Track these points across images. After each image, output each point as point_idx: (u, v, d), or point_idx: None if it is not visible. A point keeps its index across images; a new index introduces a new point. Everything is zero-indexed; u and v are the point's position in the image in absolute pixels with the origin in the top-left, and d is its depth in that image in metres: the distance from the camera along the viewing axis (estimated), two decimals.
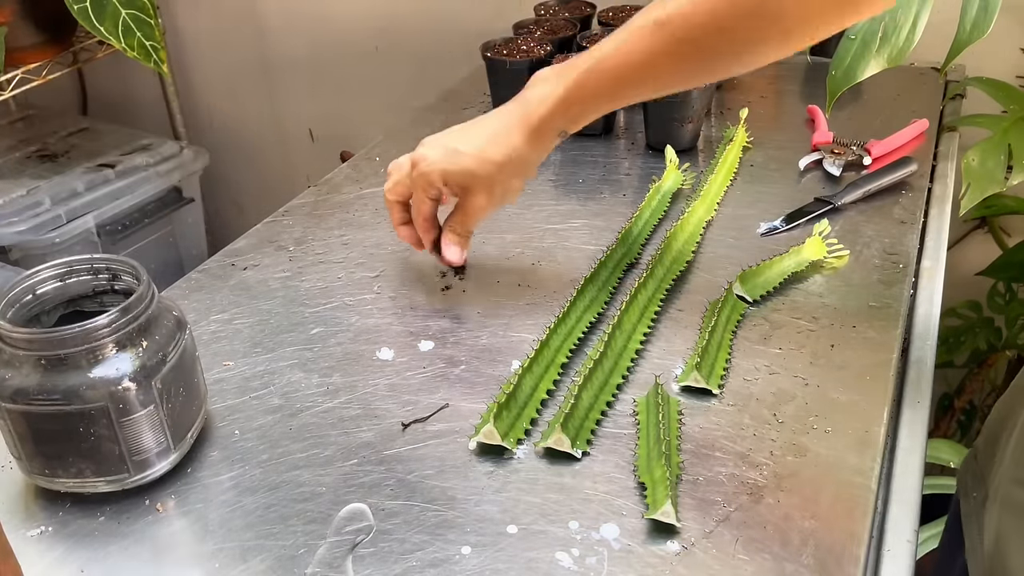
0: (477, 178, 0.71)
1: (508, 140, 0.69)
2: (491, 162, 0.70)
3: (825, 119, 1.02)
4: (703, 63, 0.64)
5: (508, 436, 0.60)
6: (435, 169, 0.71)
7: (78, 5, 1.24)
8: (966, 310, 1.35)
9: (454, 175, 0.71)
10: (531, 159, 0.71)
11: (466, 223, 0.75)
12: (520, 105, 0.69)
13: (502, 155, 0.70)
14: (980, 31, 0.88)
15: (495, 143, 0.70)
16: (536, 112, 0.68)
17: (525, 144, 0.69)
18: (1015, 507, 0.65)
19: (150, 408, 0.55)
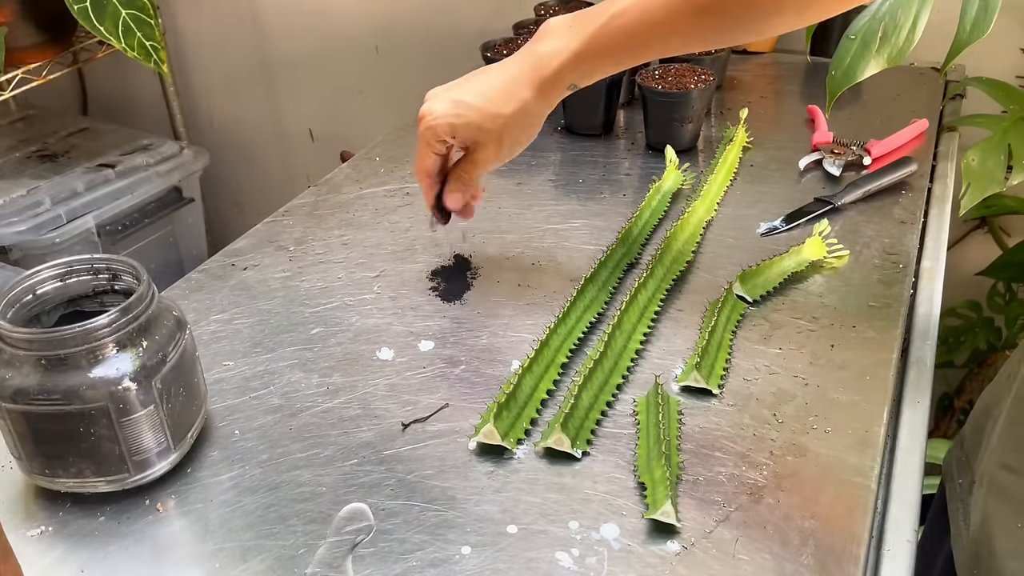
0: (485, 132, 0.70)
1: (517, 93, 0.68)
2: (499, 116, 0.69)
3: (825, 119, 1.02)
4: (720, 25, 0.63)
5: (508, 436, 0.60)
6: (442, 123, 0.70)
7: (78, 5, 1.24)
8: (966, 310, 1.35)
9: (462, 128, 0.70)
10: (540, 113, 0.70)
11: (472, 172, 0.74)
12: (530, 58, 0.68)
13: (511, 108, 0.68)
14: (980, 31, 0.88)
15: (504, 96, 0.68)
16: (547, 66, 0.67)
17: (534, 98, 0.68)
18: (1001, 491, 0.65)
19: (150, 408, 0.55)
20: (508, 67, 0.70)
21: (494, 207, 0.91)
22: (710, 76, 1.00)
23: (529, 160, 1.01)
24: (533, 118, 0.70)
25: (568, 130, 1.08)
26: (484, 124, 0.69)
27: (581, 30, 0.66)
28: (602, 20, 0.65)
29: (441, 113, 0.70)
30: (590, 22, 0.66)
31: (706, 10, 0.62)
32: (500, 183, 0.96)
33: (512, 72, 0.69)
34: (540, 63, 0.67)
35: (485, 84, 0.70)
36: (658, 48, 0.67)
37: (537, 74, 0.67)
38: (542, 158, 1.02)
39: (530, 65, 0.68)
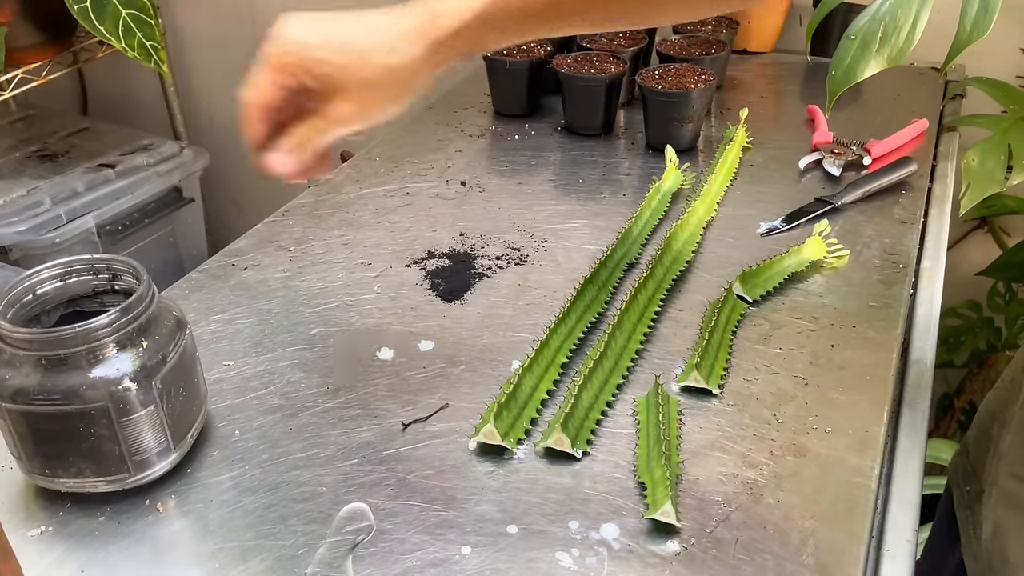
0: (354, 79, 0.56)
1: (403, 46, 0.56)
2: (375, 65, 0.56)
3: (825, 119, 1.02)
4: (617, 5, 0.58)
5: (508, 436, 0.60)
6: (302, 54, 0.56)
7: (78, 5, 1.24)
8: (966, 310, 1.35)
9: (323, 65, 0.56)
10: (421, 76, 0.58)
11: (318, 131, 0.58)
12: (425, 13, 0.57)
13: (391, 60, 0.56)
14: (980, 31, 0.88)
15: (387, 45, 0.56)
16: (444, 25, 0.56)
17: (422, 56, 0.57)
18: (1013, 501, 0.65)
19: (150, 408, 0.55)
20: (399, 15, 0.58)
21: (494, 207, 0.91)
22: (710, 76, 1.00)
23: (529, 160, 1.02)
24: (412, 78, 0.58)
25: (568, 130, 1.08)
26: (353, 68, 0.56)
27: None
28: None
29: (299, 39, 0.57)
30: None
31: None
32: (500, 183, 0.96)
33: (401, 21, 0.57)
34: (435, 20, 0.57)
35: (365, 26, 0.57)
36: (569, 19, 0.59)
37: (429, 30, 0.57)
38: (542, 158, 1.02)
39: (423, 19, 0.57)
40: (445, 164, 1.01)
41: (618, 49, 1.09)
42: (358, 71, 0.56)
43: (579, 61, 1.06)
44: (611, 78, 1.03)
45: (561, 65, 1.05)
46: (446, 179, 0.98)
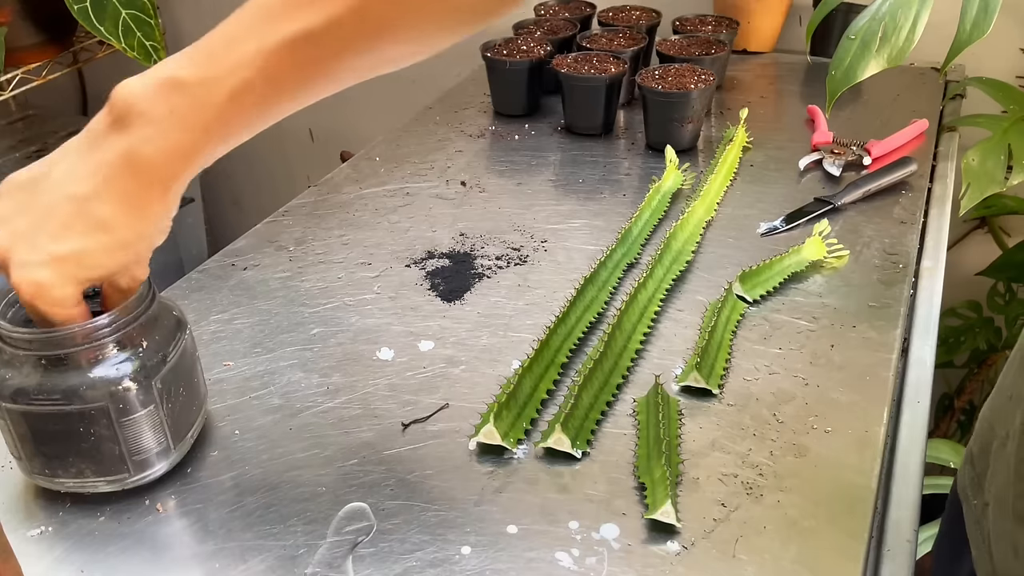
0: (131, 260, 0.53)
1: (142, 210, 0.51)
2: (138, 240, 0.52)
3: (825, 119, 1.02)
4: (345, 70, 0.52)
5: (508, 436, 0.60)
6: (66, 292, 0.50)
7: (78, 5, 1.24)
8: (966, 310, 1.35)
9: (99, 280, 0.52)
10: (169, 216, 0.55)
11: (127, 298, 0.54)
12: (125, 160, 0.49)
13: (147, 227, 0.52)
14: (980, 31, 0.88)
15: (126, 221, 0.50)
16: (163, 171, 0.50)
17: (163, 206, 0.52)
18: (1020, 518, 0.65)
19: (150, 408, 0.55)
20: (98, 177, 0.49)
21: (494, 207, 0.91)
22: (710, 76, 1.00)
23: (529, 160, 1.02)
24: (164, 227, 0.55)
25: (568, 130, 1.08)
26: (124, 260, 0.52)
27: (193, 120, 0.49)
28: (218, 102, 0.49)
29: (59, 279, 0.50)
30: (200, 108, 0.49)
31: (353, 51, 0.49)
32: (500, 183, 0.96)
33: (111, 182, 0.49)
34: (150, 167, 0.50)
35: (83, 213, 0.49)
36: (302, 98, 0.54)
37: (151, 179, 0.50)
38: (542, 158, 1.02)
39: (133, 169, 0.49)
40: (445, 164, 1.01)
41: (618, 49, 1.09)
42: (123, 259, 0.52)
43: (579, 61, 1.06)
44: (611, 78, 1.03)
45: (561, 65, 1.05)
46: (446, 179, 0.98)
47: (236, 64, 0.49)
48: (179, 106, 0.49)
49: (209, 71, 0.49)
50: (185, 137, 0.49)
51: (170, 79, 0.49)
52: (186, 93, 0.49)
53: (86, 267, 0.50)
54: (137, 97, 0.50)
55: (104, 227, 0.50)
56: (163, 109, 0.49)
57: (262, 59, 0.48)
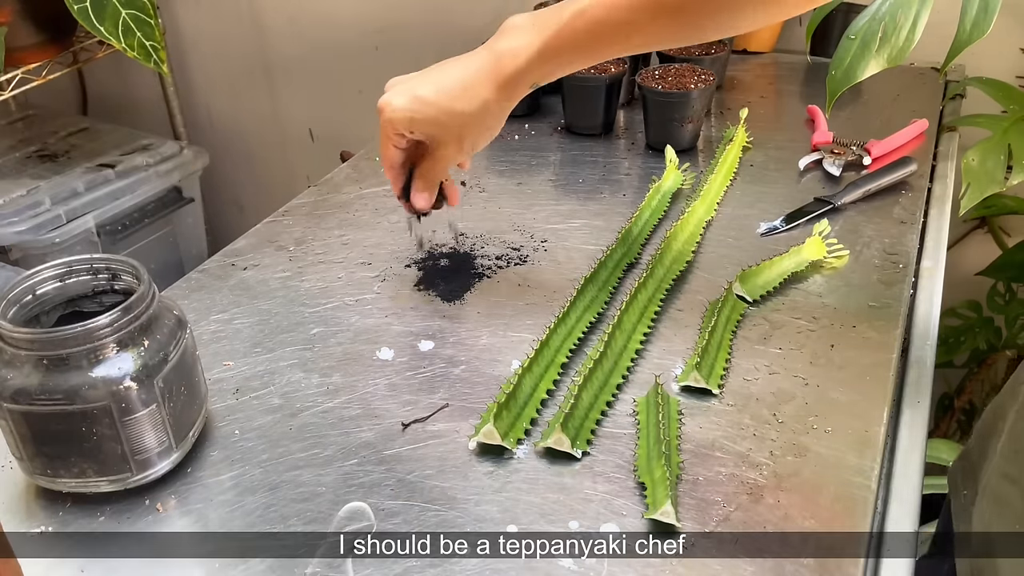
0: (444, 128, 0.69)
1: (478, 92, 0.67)
2: (460, 113, 0.67)
3: (825, 119, 1.02)
4: (684, 23, 0.62)
5: (508, 436, 0.60)
6: (400, 116, 0.69)
7: (78, 5, 1.24)
8: (966, 310, 1.35)
9: (421, 124, 0.69)
10: (500, 111, 0.69)
11: (435, 169, 0.73)
12: (491, 56, 0.66)
13: (471, 107, 0.67)
14: (980, 31, 0.88)
15: (464, 94, 0.67)
16: (509, 65, 0.65)
17: (495, 97, 0.67)
18: (1003, 502, 0.65)
19: (152, 407, 0.55)
20: (469, 63, 0.68)
21: (494, 207, 0.91)
22: (710, 76, 1.00)
23: (529, 160, 1.02)
24: (493, 117, 0.69)
25: (568, 130, 1.08)
26: (443, 120, 0.68)
27: (543, 28, 0.64)
28: (564, 18, 0.64)
29: (399, 106, 0.69)
30: (552, 20, 0.64)
31: (667, 9, 0.61)
32: (500, 183, 0.96)
33: (473, 69, 0.67)
34: (501, 62, 0.66)
35: (445, 80, 0.68)
36: (620, 47, 0.65)
37: (498, 73, 0.66)
38: (542, 158, 1.02)
39: (491, 63, 0.66)
40: None
41: None
42: (445, 121, 0.68)
43: None
44: (611, 78, 1.03)
45: None
46: None
47: (568, 4, 0.63)
48: (538, 18, 0.65)
49: (561, 5, 0.64)
50: (534, 40, 0.64)
51: (542, 8, 0.66)
52: (546, 12, 0.65)
53: (416, 108, 0.68)
54: (516, 17, 0.67)
55: (443, 89, 0.67)
56: (528, 21, 0.66)
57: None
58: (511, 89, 0.67)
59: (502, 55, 0.66)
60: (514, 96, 0.68)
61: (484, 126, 0.70)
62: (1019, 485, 0.64)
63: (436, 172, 0.73)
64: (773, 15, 0.61)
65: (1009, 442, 0.66)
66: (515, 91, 0.68)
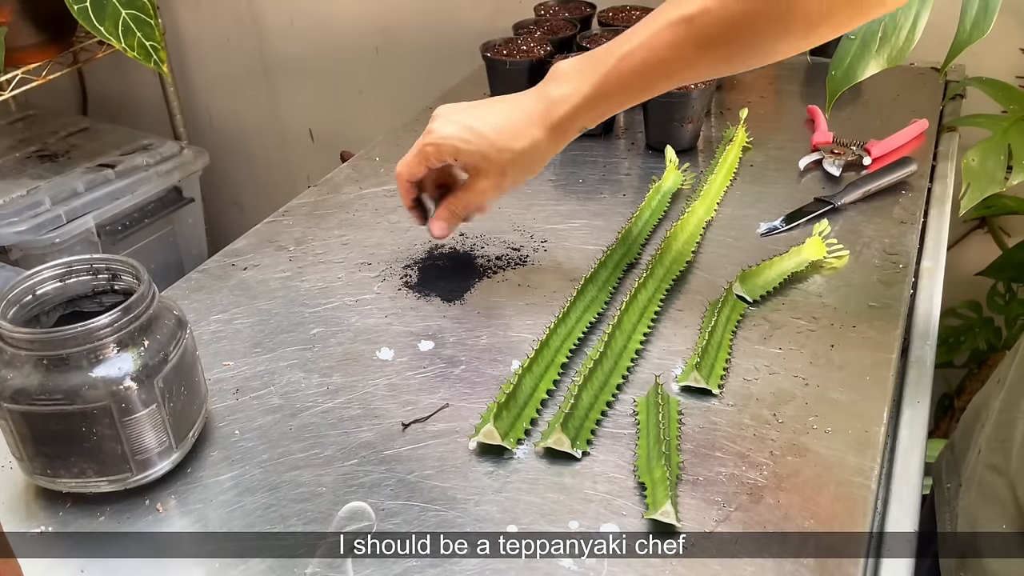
0: (490, 162, 0.70)
1: (529, 131, 0.69)
2: (508, 149, 0.69)
3: (825, 119, 1.02)
4: (727, 57, 0.65)
5: (508, 436, 0.60)
6: (449, 144, 0.70)
7: (78, 5, 1.24)
8: (966, 310, 1.35)
9: (468, 155, 0.71)
10: (547, 153, 0.71)
11: (469, 203, 0.75)
12: (541, 101, 0.69)
13: (521, 145, 0.69)
14: (980, 31, 0.88)
15: (515, 132, 0.69)
16: (558, 111, 0.68)
17: (545, 138, 0.69)
18: (988, 493, 0.66)
19: (152, 407, 0.55)
20: (520, 103, 0.70)
21: (494, 207, 0.91)
22: None
23: None
24: (540, 157, 0.71)
25: None
26: (491, 155, 0.70)
27: (592, 73, 0.67)
28: (611, 62, 0.66)
29: (449, 134, 0.70)
30: (599, 65, 0.66)
31: (712, 44, 0.63)
32: None
33: (525, 111, 0.69)
34: (552, 105, 0.68)
35: (497, 116, 0.70)
36: (666, 83, 0.67)
37: (549, 116, 0.68)
38: None
39: (543, 106, 0.69)
40: None
41: None
42: (493, 155, 0.70)
43: None
44: None
45: None
46: None
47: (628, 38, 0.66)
48: (586, 64, 0.68)
49: (612, 44, 0.67)
50: (582, 86, 0.67)
51: (588, 53, 0.68)
52: (592, 57, 0.68)
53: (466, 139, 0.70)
54: (563, 63, 0.69)
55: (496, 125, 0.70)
56: (576, 67, 0.68)
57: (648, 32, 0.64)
58: (561, 133, 0.69)
59: (553, 101, 0.68)
60: (563, 140, 0.70)
61: (528, 166, 0.71)
62: (1005, 476, 0.64)
63: (468, 204, 0.75)
64: (812, 41, 0.62)
65: (995, 432, 0.67)
66: (565, 135, 0.70)
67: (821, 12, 0.60)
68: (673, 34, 0.63)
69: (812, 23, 0.61)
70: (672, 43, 0.63)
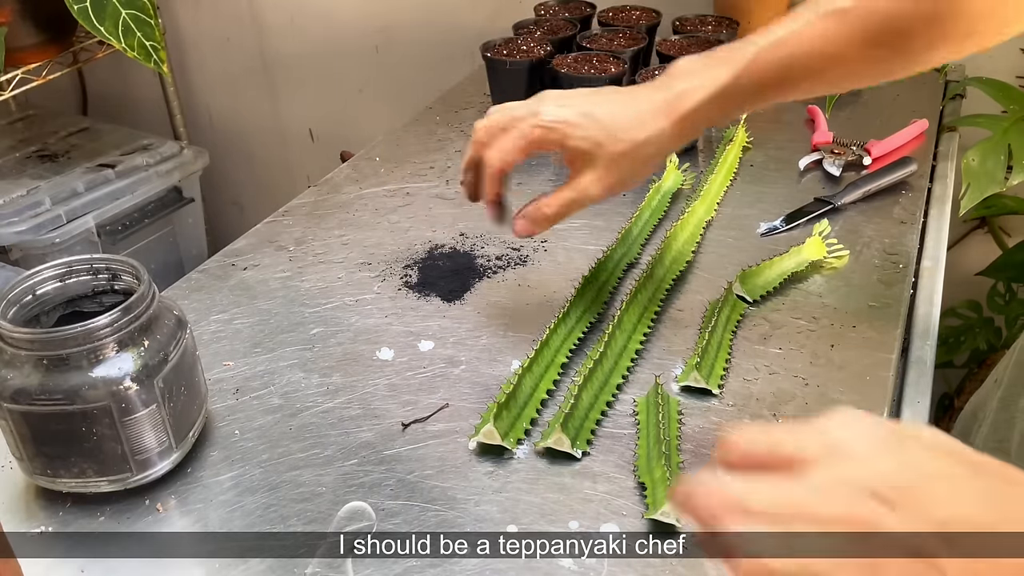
0: (602, 152, 0.63)
1: (654, 122, 0.63)
2: (626, 140, 0.62)
3: (825, 119, 1.02)
4: (887, 59, 0.61)
5: (508, 436, 0.60)
6: (558, 127, 0.62)
7: (78, 5, 1.24)
8: (966, 310, 1.35)
9: (578, 140, 0.63)
10: (669, 148, 0.64)
11: (564, 202, 0.65)
12: (666, 92, 0.63)
13: (642, 135, 0.62)
14: None
15: (637, 121, 0.62)
16: (686, 102, 0.62)
17: (670, 130, 0.63)
18: None
19: (152, 407, 0.55)
20: (639, 94, 0.64)
21: None
22: None
23: (529, 160, 1.01)
24: (658, 152, 0.64)
25: None
26: (605, 142, 0.62)
27: (725, 66, 0.62)
28: (749, 55, 0.62)
29: (560, 117, 0.63)
30: (734, 57, 0.62)
31: (879, 43, 0.59)
32: None
33: (647, 99, 0.64)
34: (678, 98, 0.63)
35: (614, 104, 0.64)
36: (809, 81, 0.62)
37: (676, 107, 0.62)
38: (542, 158, 1.02)
39: (667, 98, 0.63)
40: (445, 164, 1.01)
41: (618, 49, 1.09)
42: (610, 145, 0.62)
43: (579, 61, 1.06)
44: (611, 78, 1.02)
45: (561, 65, 1.05)
46: (446, 179, 0.98)
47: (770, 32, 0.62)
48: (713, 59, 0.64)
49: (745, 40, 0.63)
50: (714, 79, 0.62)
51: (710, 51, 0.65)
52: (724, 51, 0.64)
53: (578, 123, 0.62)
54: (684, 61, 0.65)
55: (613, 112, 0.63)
56: (701, 63, 0.64)
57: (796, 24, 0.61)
58: (687, 126, 0.63)
59: (679, 93, 0.63)
60: (687, 134, 0.65)
61: (644, 161, 0.64)
62: None
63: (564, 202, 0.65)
64: (971, 47, 0.60)
65: (992, 432, 0.67)
66: (690, 129, 0.64)
67: (977, 17, 0.57)
68: (824, 26, 0.59)
69: (968, 31, 0.58)
70: (823, 34, 0.59)
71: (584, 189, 0.64)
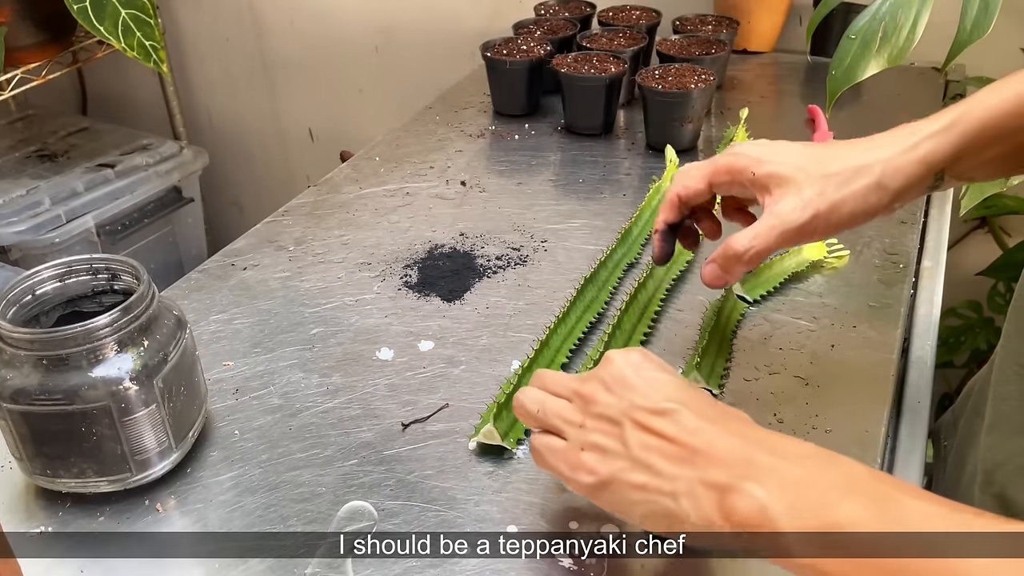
0: (805, 174, 0.56)
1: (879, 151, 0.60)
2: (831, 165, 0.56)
3: (825, 119, 1.02)
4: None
5: (508, 436, 0.60)
6: (750, 155, 0.57)
7: (78, 5, 1.24)
8: (966, 310, 1.35)
9: (773, 166, 0.56)
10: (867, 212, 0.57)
11: (760, 238, 0.56)
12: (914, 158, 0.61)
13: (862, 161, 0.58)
14: (980, 31, 0.88)
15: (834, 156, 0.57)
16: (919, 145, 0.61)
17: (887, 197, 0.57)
18: None
19: (152, 407, 0.55)
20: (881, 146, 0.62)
21: (494, 207, 0.91)
22: (710, 76, 1.00)
23: (529, 160, 1.02)
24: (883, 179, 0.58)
25: (568, 130, 1.08)
26: (807, 166, 0.56)
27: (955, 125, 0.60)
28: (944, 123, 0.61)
29: (750, 149, 0.58)
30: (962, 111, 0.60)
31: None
32: (500, 183, 0.96)
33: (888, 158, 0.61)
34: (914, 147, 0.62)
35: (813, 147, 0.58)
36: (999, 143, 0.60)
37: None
38: (542, 158, 1.02)
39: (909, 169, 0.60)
40: (445, 164, 1.01)
41: (618, 49, 1.09)
42: (811, 168, 0.56)
43: (579, 61, 1.06)
44: (611, 78, 1.03)
45: (561, 65, 1.05)
46: (446, 179, 0.98)
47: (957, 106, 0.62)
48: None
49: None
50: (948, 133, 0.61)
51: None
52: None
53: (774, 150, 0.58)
54: None
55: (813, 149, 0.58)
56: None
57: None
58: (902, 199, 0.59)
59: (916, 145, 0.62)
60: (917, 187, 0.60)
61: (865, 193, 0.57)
62: None
63: (760, 237, 0.56)
64: None
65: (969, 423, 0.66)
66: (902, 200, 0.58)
67: None
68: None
69: None
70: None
71: (785, 216, 0.55)
